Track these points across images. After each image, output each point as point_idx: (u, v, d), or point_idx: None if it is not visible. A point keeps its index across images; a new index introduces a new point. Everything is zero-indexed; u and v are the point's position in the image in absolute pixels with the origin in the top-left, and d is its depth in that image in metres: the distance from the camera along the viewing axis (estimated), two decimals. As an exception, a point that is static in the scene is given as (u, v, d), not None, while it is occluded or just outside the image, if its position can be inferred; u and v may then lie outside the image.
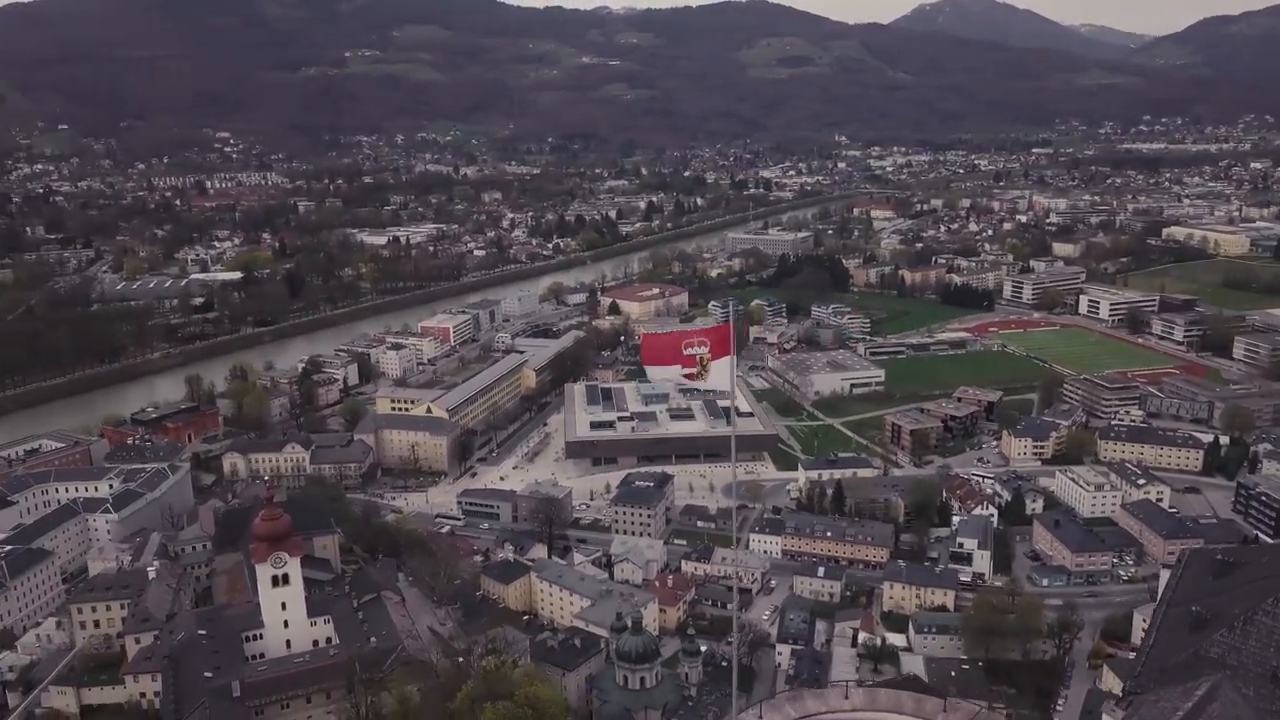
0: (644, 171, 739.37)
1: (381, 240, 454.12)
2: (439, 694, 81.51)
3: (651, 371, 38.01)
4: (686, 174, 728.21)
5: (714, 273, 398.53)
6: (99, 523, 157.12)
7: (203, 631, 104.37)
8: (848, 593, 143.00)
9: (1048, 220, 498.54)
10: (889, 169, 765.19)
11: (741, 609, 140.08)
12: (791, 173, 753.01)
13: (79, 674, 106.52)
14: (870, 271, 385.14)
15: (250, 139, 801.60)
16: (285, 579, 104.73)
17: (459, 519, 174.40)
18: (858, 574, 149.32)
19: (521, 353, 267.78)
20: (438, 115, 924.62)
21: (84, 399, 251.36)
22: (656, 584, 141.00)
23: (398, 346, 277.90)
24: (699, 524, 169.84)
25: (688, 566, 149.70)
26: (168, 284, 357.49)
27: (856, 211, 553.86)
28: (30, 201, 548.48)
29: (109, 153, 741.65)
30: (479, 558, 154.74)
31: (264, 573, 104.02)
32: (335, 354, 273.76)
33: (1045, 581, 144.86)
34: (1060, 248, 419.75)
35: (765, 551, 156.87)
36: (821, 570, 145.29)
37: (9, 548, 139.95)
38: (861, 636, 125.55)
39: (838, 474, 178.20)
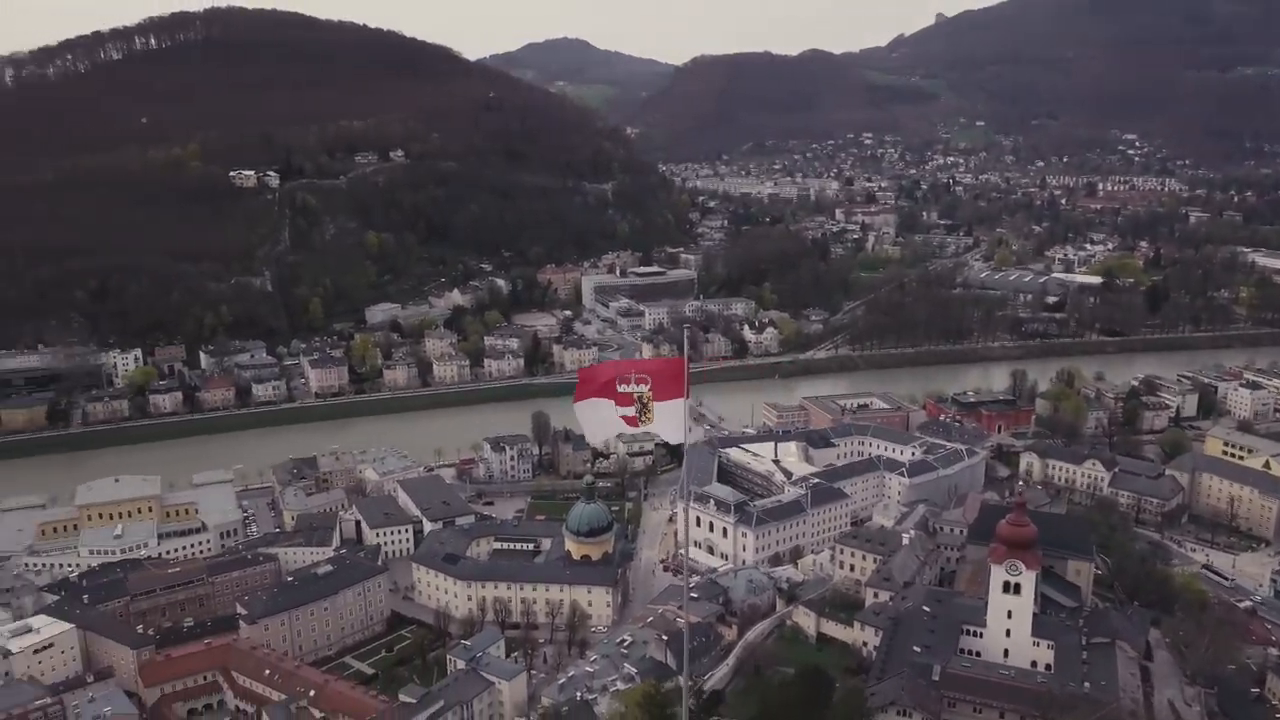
0: None
1: (1278, 264, 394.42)
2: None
3: (581, 413, 30.36)
4: None
5: None
6: (893, 482, 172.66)
7: (928, 609, 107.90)
8: None
9: None
10: None
11: None
12: None
13: (824, 604, 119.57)
14: None
15: (1157, 142, 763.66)
16: (1017, 588, 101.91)
17: (1229, 581, 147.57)
18: None
19: None
20: None
21: (923, 370, 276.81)
22: None
23: (1255, 385, 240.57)
24: None
25: None
26: (1028, 279, 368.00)
27: None
28: (934, 189, 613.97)
29: (1014, 149, 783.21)
30: (1274, 651, 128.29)
31: (997, 575, 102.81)
32: (1177, 379, 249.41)
33: None
34: None
35: None
36: None
37: (816, 481, 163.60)
38: None
39: None
